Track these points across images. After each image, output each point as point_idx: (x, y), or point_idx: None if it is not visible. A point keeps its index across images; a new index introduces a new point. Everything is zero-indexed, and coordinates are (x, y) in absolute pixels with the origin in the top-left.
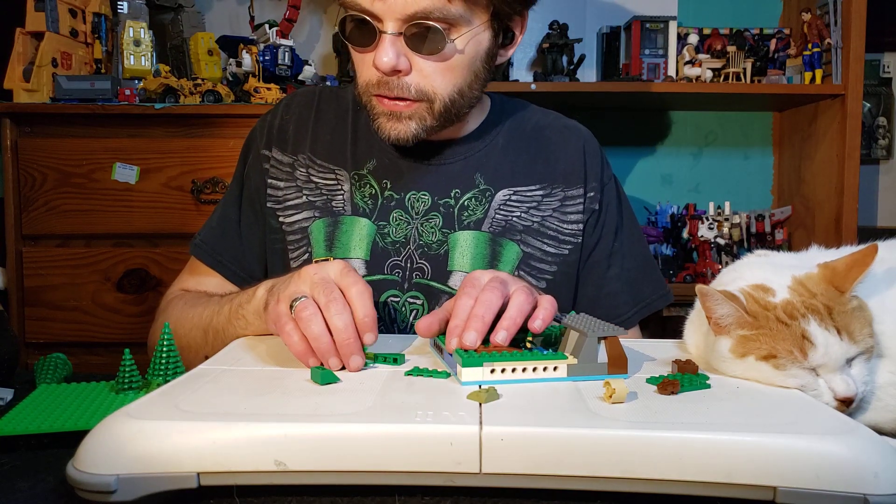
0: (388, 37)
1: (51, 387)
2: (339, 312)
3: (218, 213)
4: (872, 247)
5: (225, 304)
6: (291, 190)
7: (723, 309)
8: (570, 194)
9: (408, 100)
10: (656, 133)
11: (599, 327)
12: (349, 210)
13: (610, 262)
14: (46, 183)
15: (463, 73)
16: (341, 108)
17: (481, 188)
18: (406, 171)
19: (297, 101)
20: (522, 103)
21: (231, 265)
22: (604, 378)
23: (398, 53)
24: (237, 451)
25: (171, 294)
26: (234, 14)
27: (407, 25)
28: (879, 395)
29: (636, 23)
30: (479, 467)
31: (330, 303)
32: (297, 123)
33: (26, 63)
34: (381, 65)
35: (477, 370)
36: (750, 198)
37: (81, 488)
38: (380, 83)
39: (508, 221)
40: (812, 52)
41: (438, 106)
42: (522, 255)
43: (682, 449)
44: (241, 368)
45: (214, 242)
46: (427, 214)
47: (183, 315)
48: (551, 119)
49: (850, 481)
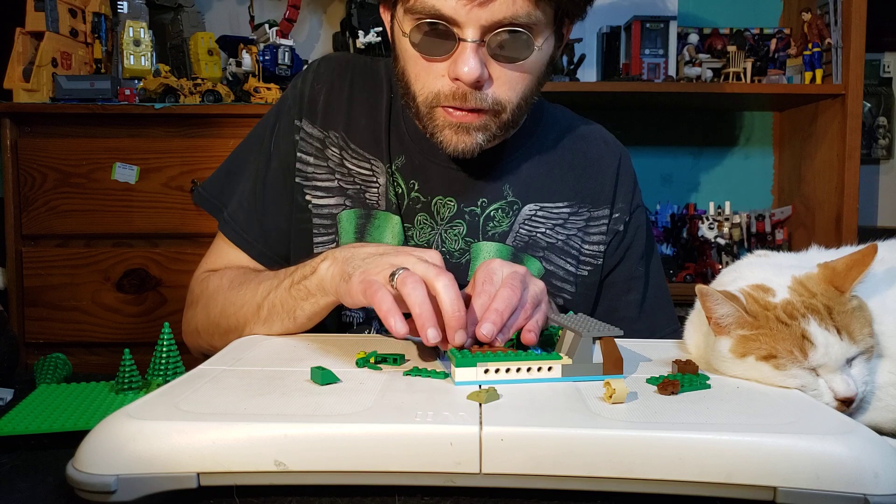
0: (469, 45)
1: (51, 387)
2: (447, 286)
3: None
4: (872, 246)
5: (284, 278)
6: (322, 170)
7: (723, 309)
8: (595, 215)
9: (482, 111)
10: (656, 133)
11: (595, 327)
12: (383, 205)
13: (630, 285)
14: (46, 183)
15: (533, 80)
16: (377, 88)
17: (509, 200)
18: (435, 175)
19: (328, 68)
20: (560, 108)
21: (258, 245)
22: (599, 379)
23: (481, 63)
24: (237, 451)
25: (201, 276)
26: (234, 14)
27: (491, 34)
28: (879, 396)
29: (636, 23)
30: (479, 467)
31: (440, 275)
32: (328, 95)
33: (26, 63)
34: (464, 76)
35: (471, 370)
36: (750, 198)
37: (81, 488)
38: (454, 95)
39: (532, 237)
40: (812, 52)
41: (506, 115)
42: (544, 273)
43: (682, 449)
44: (241, 368)
45: (242, 220)
46: (452, 221)
47: (232, 294)
48: (590, 130)
49: (850, 481)
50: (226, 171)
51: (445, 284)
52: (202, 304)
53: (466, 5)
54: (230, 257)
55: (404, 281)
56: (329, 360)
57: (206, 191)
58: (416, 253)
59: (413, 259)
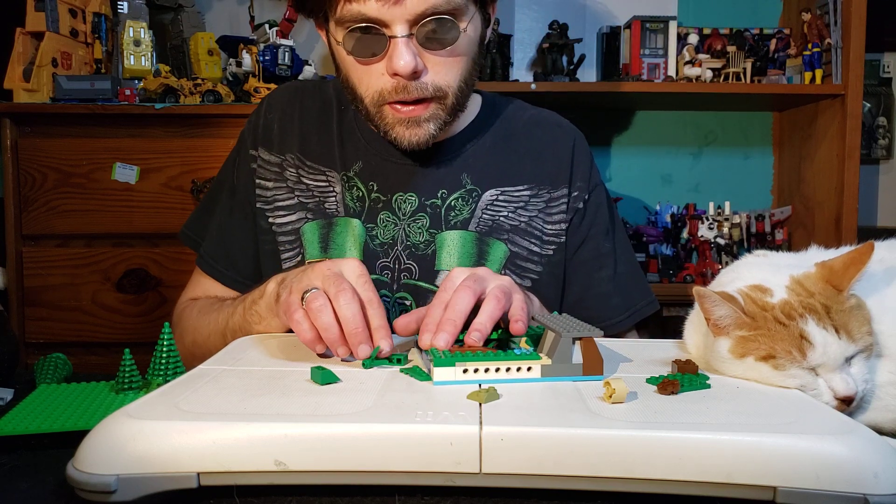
0: (400, 40)
1: (51, 387)
2: (347, 302)
3: (215, 223)
4: (868, 244)
5: (238, 305)
6: (282, 191)
7: (721, 310)
8: (554, 195)
9: (425, 100)
10: (656, 133)
11: (575, 328)
12: (342, 211)
13: (601, 262)
14: (46, 183)
15: (468, 61)
16: (326, 105)
17: (468, 188)
18: (392, 173)
19: (278, 98)
20: (514, 101)
21: (229, 272)
22: (578, 379)
23: (414, 54)
24: (237, 451)
25: (180, 305)
26: (234, 14)
27: (417, 26)
28: (879, 395)
29: (636, 23)
30: (479, 467)
31: (339, 293)
32: (281, 122)
33: (26, 63)
34: (401, 69)
35: (449, 370)
36: (750, 198)
37: (81, 488)
38: (396, 89)
39: (495, 221)
40: (812, 52)
41: (451, 100)
42: (509, 255)
43: (682, 449)
44: (241, 368)
45: (213, 251)
46: (414, 215)
47: (199, 322)
48: (544, 116)
49: (850, 481)
50: (203, 208)
51: (346, 301)
52: (178, 333)
53: (384, 5)
54: (206, 286)
55: (310, 305)
56: (329, 360)
57: (188, 228)
58: (328, 268)
59: (319, 278)
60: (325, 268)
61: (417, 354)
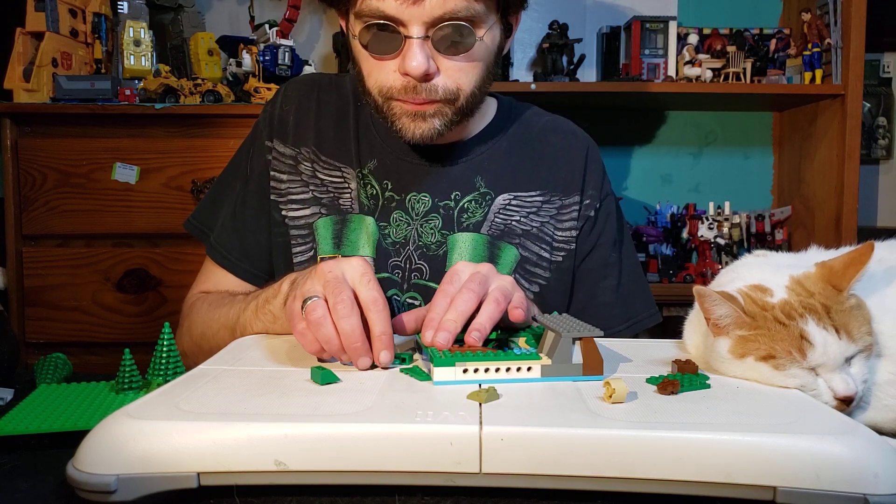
0: (415, 41)
1: (51, 387)
2: (345, 316)
3: (227, 212)
4: (868, 245)
5: (251, 301)
6: (296, 184)
7: (720, 310)
8: (566, 202)
9: (434, 101)
10: (656, 133)
11: (575, 328)
12: (356, 209)
13: (606, 272)
14: (46, 183)
15: (482, 68)
16: (342, 101)
17: (481, 191)
18: (407, 173)
19: (295, 90)
20: (531, 107)
21: (242, 263)
22: (578, 379)
23: (427, 57)
24: (237, 451)
25: (191, 298)
26: (234, 14)
27: (434, 28)
28: (879, 395)
29: (636, 23)
30: (479, 467)
31: (337, 304)
32: (297, 114)
33: (26, 63)
34: (412, 70)
35: (449, 370)
36: (750, 198)
37: (81, 488)
38: (405, 89)
39: (507, 225)
40: (812, 52)
41: (461, 102)
42: (520, 259)
43: (682, 449)
44: (241, 368)
45: (225, 242)
46: (427, 216)
47: (209, 317)
48: (559, 123)
49: (850, 481)
50: (211, 198)
51: (344, 314)
52: (186, 325)
53: (403, 4)
54: (217, 278)
55: (309, 317)
56: (329, 360)
57: (195, 218)
58: (330, 271)
59: (320, 283)
60: (328, 270)
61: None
